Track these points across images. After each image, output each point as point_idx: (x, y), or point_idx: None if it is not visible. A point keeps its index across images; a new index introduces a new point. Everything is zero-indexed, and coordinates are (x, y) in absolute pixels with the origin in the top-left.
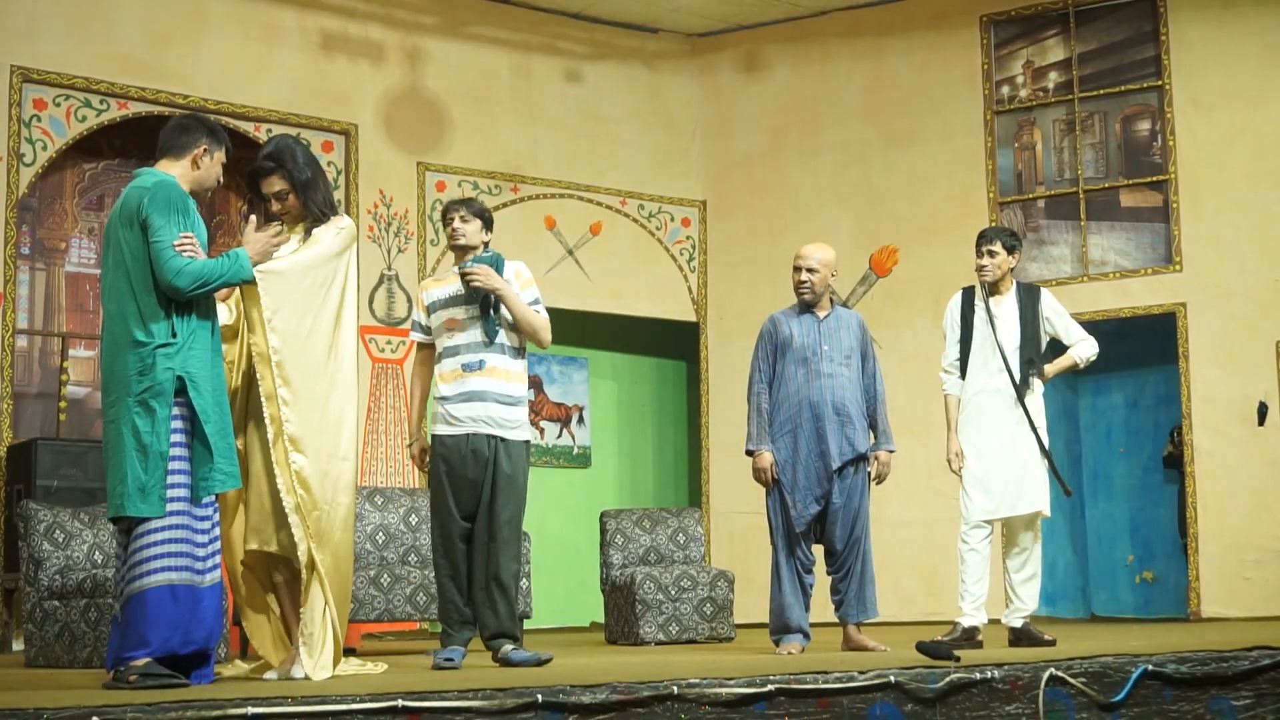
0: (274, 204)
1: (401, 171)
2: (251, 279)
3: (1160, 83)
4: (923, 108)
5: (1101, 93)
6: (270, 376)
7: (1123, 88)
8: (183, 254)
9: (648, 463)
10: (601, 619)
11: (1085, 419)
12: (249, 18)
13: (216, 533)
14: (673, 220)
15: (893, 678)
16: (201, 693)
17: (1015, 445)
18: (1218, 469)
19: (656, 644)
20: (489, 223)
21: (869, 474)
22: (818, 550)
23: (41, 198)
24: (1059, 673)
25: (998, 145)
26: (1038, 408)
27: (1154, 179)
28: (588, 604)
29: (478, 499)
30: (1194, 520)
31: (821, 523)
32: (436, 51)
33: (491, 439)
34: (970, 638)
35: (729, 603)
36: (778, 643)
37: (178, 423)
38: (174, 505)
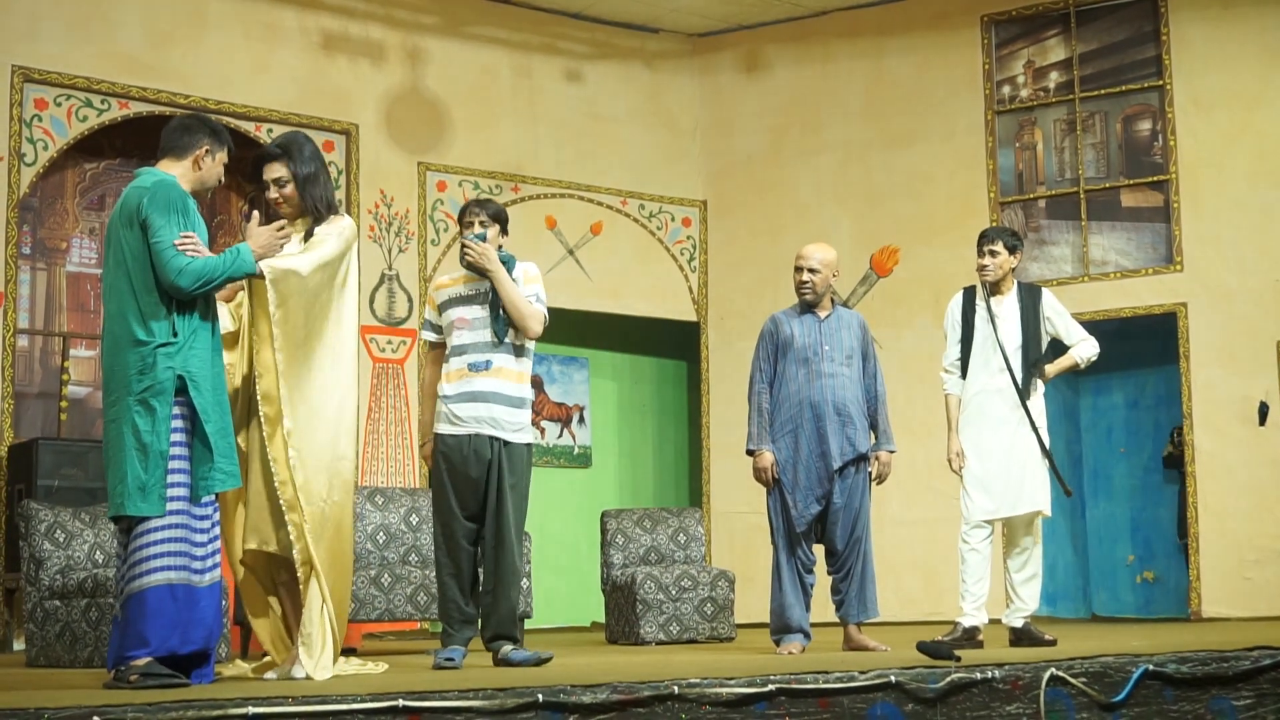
0: (272, 190)
1: (402, 171)
2: (254, 273)
3: (1161, 83)
4: (923, 107)
5: (1102, 93)
6: (273, 372)
7: (1123, 88)
8: (184, 252)
9: (648, 463)
10: (602, 619)
11: (1086, 419)
12: (249, 17)
13: (216, 532)
14: (673, 220)
15: (893, 678)
16: (202, 692)
17: (1016, 445)
18: (1218, 469)
19: (657, 644)
20: (505, 224)
21: (870, 474)
22: (818, 550)
23: (42, 197)
24: (1060, 673)
25: (998, 145)
26: (1038, 408)
27: (1155, 179)
28: (588, 604)
29: (480, 499)
30: (1195, 520)
31: (822, 523)
32: (437, 51)
33: (494, 441)
34: (971, 638)
35: (729, 603)
36: (778, 642)
37: (178, 422)
38: (173, 504)
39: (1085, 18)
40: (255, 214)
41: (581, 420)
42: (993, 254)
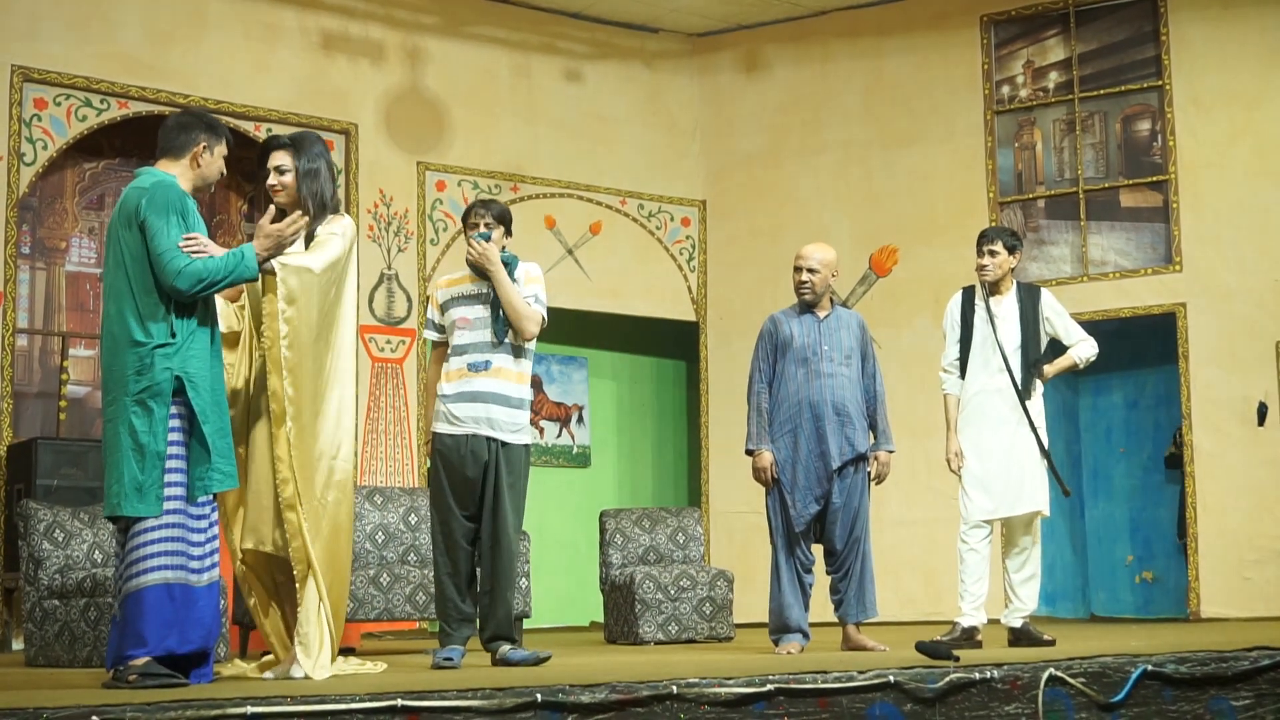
0: (272, 176)
1: (401, 171)
2: (256, 277)
3: (1160, 83)
4: (923, 108)
5: (1102, 93)
6: (278, 370)
7: (1123, 88)
8: (191, 254)
9: (647, 462)
10: (601, 618)
11: (1085, 419)
12: (249, 17)
13: (214, 532)
14: (672, 220)
15: (892, 678)
16: (201, 692)
17: (1015, 445)
18: (1217, 469)
19: (656, 643)
20: (509, 225)
21: (869, 474)
22: (817, 550)
23: (42, 197)
24: (1058, 673)
25: (998, 145)
26: (1037, 408)
27: (1154, 179)
28: (587, 603)
29: (477, 499)
30: (1194, 520)
31: (821, 522)
32: (436, 51)
33: (491, 441)
34: (969, 638)
35: (728, 602)
36: (777, 642)
37: (175, 422)
38: (170, 504)
39: (1085, 18)
40: (271, 208)
41: (580, 420)
42: (992, 254)
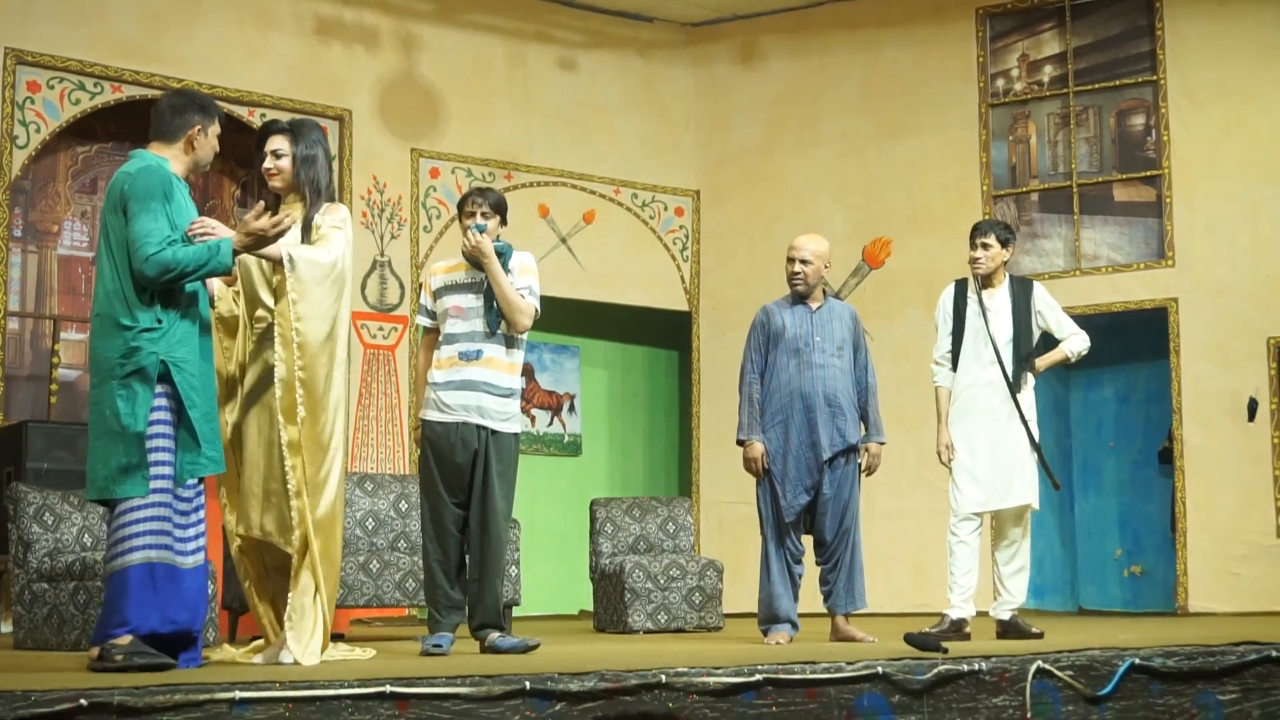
0: (269, 159)
1: (395, 158)
2: (230, 271)
3: (1155, 77)
4: (918, 100)
5: (1096, 87)
6: (290, 360)
7: (1117, 82)
8: (195, 238)
9: (638, 452)
10: (590, 607)
11: (1076, 413)
12: (243, 2)
13: (201, 516)
14: (666, 210)
15: (880, 668)
16: (189, 676)
17: (1006, 438)
18: (1208, 464)
19: (645, 633)
20: (504, 214)
21: (859, 465)
22: (807, 541)
23: (34, 180)
24: (1046, 665)
25: (992, 138)
26: (1029, 401)
27: (1148, 174)
28: (577, 592)
29: (466, 486)
30: (1183, 515)
31: (811, 513)
32: (431, 38)
33: (481, 430)
34: (958, 630)
35: (718, 592)
36: (766, 632)
37: (161, 401)
38: (156, 484)
39: (1080, 12)
40: (260, 204)
41: (572, 408)
42: (985, 247)
